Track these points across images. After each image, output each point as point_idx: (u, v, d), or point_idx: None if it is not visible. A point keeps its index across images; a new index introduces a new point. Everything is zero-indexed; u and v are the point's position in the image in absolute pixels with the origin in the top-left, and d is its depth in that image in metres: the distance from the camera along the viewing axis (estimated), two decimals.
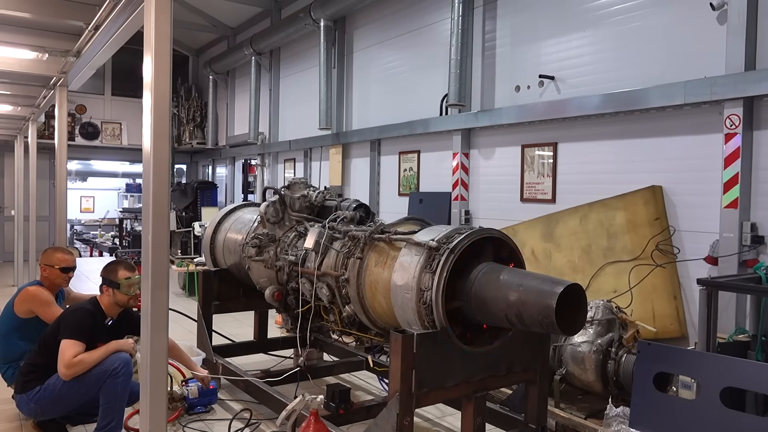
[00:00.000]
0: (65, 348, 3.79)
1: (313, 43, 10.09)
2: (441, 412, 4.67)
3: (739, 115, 4.53)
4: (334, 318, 4.14)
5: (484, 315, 3.20)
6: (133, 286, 4.07)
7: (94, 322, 3.99)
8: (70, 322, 3.91)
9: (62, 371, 3.76)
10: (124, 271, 4.11)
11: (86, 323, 3.93)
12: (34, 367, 3.99)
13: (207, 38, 15.15)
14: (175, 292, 9.84)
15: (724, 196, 4.62)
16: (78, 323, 3.90)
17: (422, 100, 8.01)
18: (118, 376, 3.80)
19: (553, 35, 6.25)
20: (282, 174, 12.02)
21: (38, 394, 3.91)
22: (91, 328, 3.94)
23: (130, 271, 4.12)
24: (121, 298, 4.07)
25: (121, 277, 4.07)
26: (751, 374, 3.51)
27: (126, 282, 4.06)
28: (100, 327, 4.05)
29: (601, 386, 4.28)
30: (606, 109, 5.48)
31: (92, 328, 3.95)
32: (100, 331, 4.03)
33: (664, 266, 4.94)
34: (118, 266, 4.16)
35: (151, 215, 2.49)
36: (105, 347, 3.91)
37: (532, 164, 6.44)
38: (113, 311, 4.14)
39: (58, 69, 5.07)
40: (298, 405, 3.67)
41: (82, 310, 4.02)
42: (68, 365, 3.74)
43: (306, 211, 4.72)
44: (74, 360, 3.75)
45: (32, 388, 3.93)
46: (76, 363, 3.75)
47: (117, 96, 15.37)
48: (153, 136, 2.48)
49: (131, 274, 4.10)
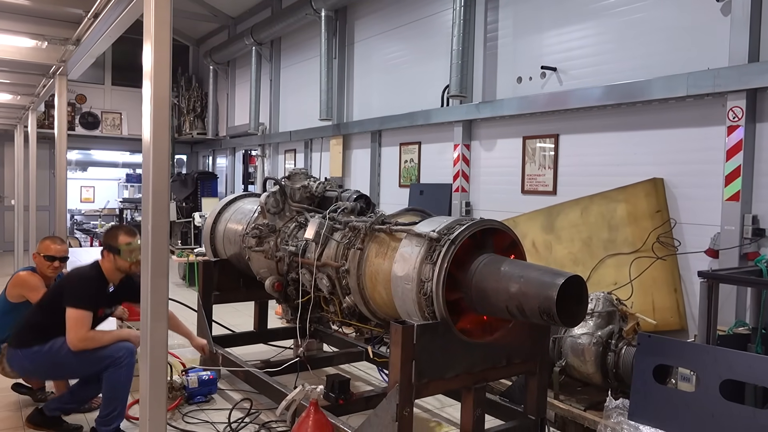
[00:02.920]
0: (77, 318, 3.74)
1: (314, 34, 10.04)
2: (441, 403, 4.68)
3: (742, 107, 4.51)
4: (334, 309, 4.14)
5: (484, 306, 3.20)
6: (134, 252, 3.95)
7: (98, 289, 3.94)
8: (75, 290, 3.85)
9: (73, 342, 3.71)
10: (124, 236, 4.01)
11: (91, 291, 3.88)
12: (35, 325, 3.92)
13: (207, 28, 15.08)
14: (176, 282, 9.85)
15: (726, 189, 4.60)
16: (84, 291, 3.85)
17: (423, 91, 7.98)
18: (121, 366, 3.77)
19: (555, 26, 6.22)
20: (282, 165, 12.00)
21: (36, 353, 3.84)
22: (95, 297, 3.89)
23: (130, 236, 4.02)
24: (122, 264, 3.98)
25: (122, 242, 3.97)
26: (750, 367, 3.51)
27: (126, 248, 3.95)
28: (102, 294, 4.00)
29: (600, 378, 4.29)
30: (608, 101, 5.46)
31: (96, 296, 3.91)
32: (102, 297, 3.99)
33: (664, 259, 4.94)
34: (119, 231, 4.06)
35: (150, 205, 2.47)
36: (118, 333, 3.91)
37: (534, 156, 6.42)
38: (114, 277, 4.06)
39: (58, 57, 5.03)
40: (298, 395, 3.68)
41: (86, 277, 3.95)
42: (82, 338, 3.72)
43: (306, 201, 4.71)
44: (89, 335, 3.74)
45: (31, 345, 3.86)
46: (89, 338, 3.74)
47: (117, 86, 15.32)
48: (153, 126, 2.46)
49: (132, 239, 4.00)
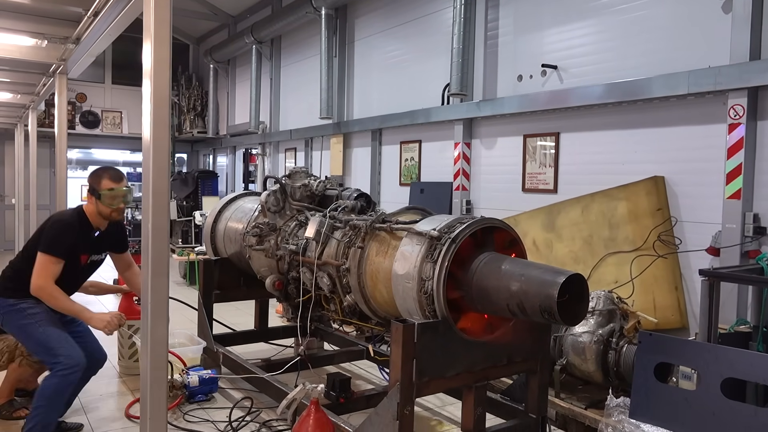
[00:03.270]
0: (43, 264, 3.57)
1: (314, 32, 10.03)
2: (441, 402, 4.68)
3: (743, 105, 4.50)
4: (335, 307, 4.14)
5: (485, 305, 3.19)
6: (116, 199, 3.73)
7: (77, 235, 3.71)
8: (51, 235, 3.66)
9: (33, 287, 3.58)
10: (108, 180, 3.75)
11: (67, 239, 3.66)
12: (15, 272, 3.80)
13: (207, 26, 15.06)
14: (176, 281, 9.85)
15: (727, 187, 4.60)
16: (58, 238, 3.64)
17: (424, 89, 7.97)
18: (54, 374, 3.54)
19: (556, 24, 6.21)
20: (283, 163, 11.99)
21: (8, 308, 3.72)
22: (71, 245, 3.68)
23: (115, 181, 3.76)
24: (103, 209, 3.75)
25: (104, 187, 3.72)
26: (752, 365, 3.50)
27: (108, 193, 3.71)
28: (85, 239, 3.79)
29: (601, 376, 4.28)
30: (609, 99, 5.45)
31: (73, 244, 3.69)
32: (84, 243, 3.79)
33: (665, 257, 4.93)
34: (104, 174, 3.79)
35: (151, 204, 2.47)
36: (79, 309, 3.67)
37: (534, 154, 6.41)
38: (99, 222, 3.85)
39: (58, 56, 5.03)
40: (298, 394, 3.68)
41: (65, 223, 3.73)
42: (41, 287, 3.56)
43: (307, 200, 4.70)
44: (48, 286, 3.56)
45: (7, 297, 3.73)
46: (47, 291, 3.57)
47: (117, 84, 15.31)
48: (153, 125, 2.46)
49: (116, 185, 3.75)
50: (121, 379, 5.13)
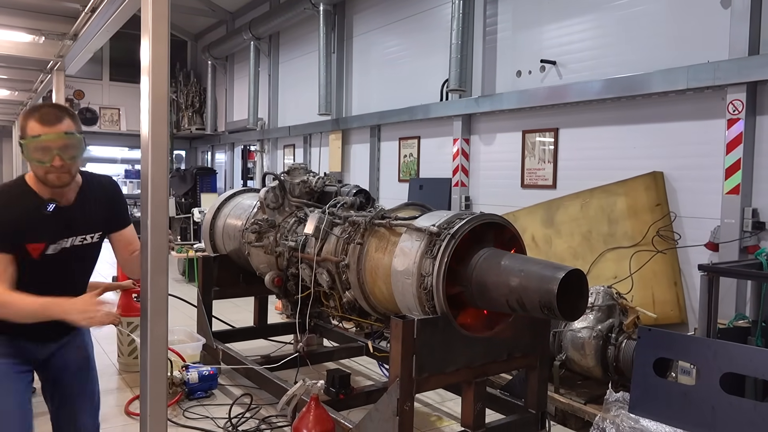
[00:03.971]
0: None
1: (313, 28, 10.01)
2: (441, 398, 4.69)
3: (742, 101, 4.50)
4: (334, 304, 4.14)
5: (484, 300, 3.19)
6: (47, 152, 2.38)
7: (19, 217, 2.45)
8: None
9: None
10: (35, 123, 2.39)
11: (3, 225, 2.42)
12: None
13: (205, 23, 15.03)
14: (175, 278, 9.84)
15: (726, 182, 4.60)
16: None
17: (422, 85, 7.95)
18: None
19: (554, 20, 6.19)
20: (281, 160, 11.98)
21: None
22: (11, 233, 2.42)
23: (45, 124, 2.38)
24: (35, 169, 2.45)
25: (29, 133, 2.40)
26: (751, 360, 3.50)
27: (33, 142, 2.38)
28: (32, 220, 2.47)
29: (601, 372, 4.29)
30: (608, 95, 5.44)
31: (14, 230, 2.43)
32: (32, 226, 2.48)
33: (664, 252, 4.93)
34: (30, 115, 2.43)
35: (149, 200, 2.45)
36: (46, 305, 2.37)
37: (533, 150, 6.41)
38: (49, 192, 2.51)
39: (55, 52, 5.01)
40: (298, 390, 3.68)
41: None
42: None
43: (306, 196, 4.70)
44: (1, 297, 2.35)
45: None
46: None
47: (115, 81, 15.29)
48: (151, 122, 2.44)
49: (46, 129, 2.38)
50: (121, 376, 5.13)
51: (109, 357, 5.45)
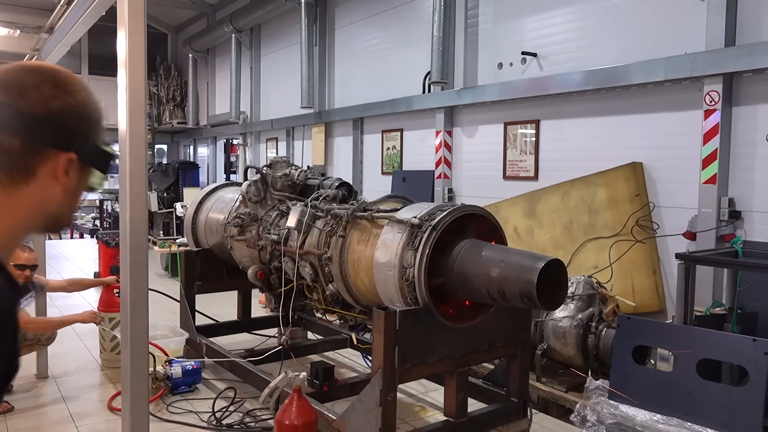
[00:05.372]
0: None
1: (295, 21, 9.95)
2: (425, 388, 4.72)
3: (718, 92, 4.56)
4: (318, 296, 4.14)
5: (466, 291, 3.22)
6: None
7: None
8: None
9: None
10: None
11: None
12: None
13: (186, 15, 14.86)
14: (158, 273, 9.77)
15: (703, 172, 4.67)
16: None
17: (405, 77, 7.95)
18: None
19: (535, 12, 6.22)
20: (264, 153, 11.92)
21: None
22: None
23: None
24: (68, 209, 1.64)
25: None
26: (726, 346, 3.58)
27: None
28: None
29: (581, 360, 4.35)
30: (588, 86, 5.49)
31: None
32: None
33: (643, 242, 5.00)
34: None
35: (128, 194, 2.44)
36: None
37: (515, 142, 6.45)
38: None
39: (31, 46, 4.94)
40: (281, 382, 3.69)
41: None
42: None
43: (288, 190, 4.69)
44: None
45: None
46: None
47: (95, 75, 15.08)
48: (129, 115, 2.43)
49: None
50: (103, 371, 5.09)
51: (91, 353, 5.41)
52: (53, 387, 4.65)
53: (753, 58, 4.32)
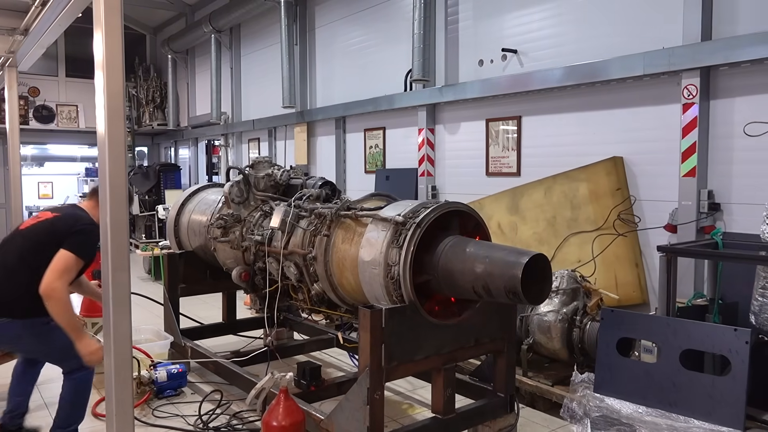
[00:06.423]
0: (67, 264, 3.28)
1: (274, 20, 9.89)
2: (412, 386, 4.73)
3: (696, 85, 4.62)
4: (303, 296, 4.13)
5: (451, 288, 3.23)
6: None
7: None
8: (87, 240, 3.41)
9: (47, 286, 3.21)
10: None
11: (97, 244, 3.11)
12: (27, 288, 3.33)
13: (164, 16, 14.71)
14: (141, 277, 9.68)
15: (683, 165, 4.73)
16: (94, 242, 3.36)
17: (387, 75, 7.95)
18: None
19: (515, 8, 6.25)
20: (246, 154, 11.85)
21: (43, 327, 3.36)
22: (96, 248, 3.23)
23: None
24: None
25: None
26: (708, 336, 3.64)
27: None
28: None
29: (567, 354, 4.39)
30: (568, 82, 5.53)
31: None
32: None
33: (625, 235, 5.05)
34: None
35: (108, 197, 2.42)
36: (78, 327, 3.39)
37: (497, 138, 6.48)
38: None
39: (6, 48, 4.86)
40: (267, 383, 3.67)
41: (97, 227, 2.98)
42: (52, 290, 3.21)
43: (271, 190, 4.66)
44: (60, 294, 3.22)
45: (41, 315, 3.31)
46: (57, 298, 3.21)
47: (72, 77, 14.87)
48: (107, 117, 2.40)
49: None
50: None
51: None
52: (35, 394, 4.57)
53: (729, 51, 4.39)
